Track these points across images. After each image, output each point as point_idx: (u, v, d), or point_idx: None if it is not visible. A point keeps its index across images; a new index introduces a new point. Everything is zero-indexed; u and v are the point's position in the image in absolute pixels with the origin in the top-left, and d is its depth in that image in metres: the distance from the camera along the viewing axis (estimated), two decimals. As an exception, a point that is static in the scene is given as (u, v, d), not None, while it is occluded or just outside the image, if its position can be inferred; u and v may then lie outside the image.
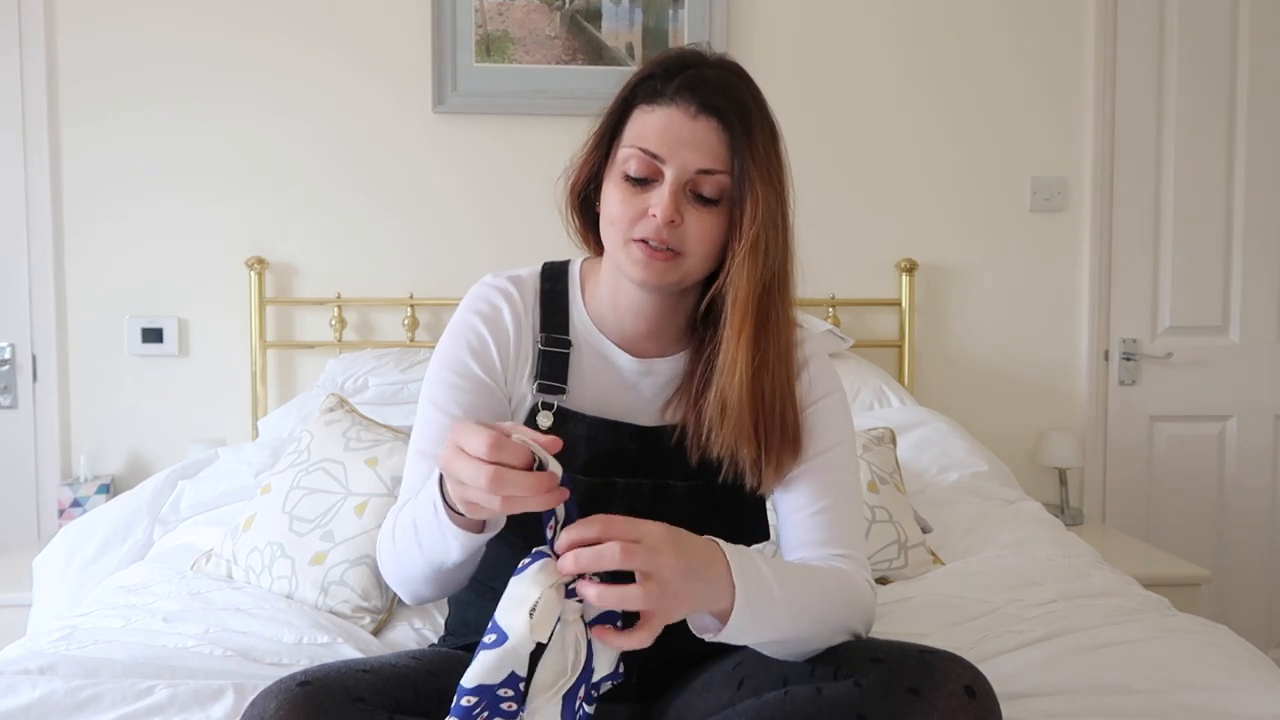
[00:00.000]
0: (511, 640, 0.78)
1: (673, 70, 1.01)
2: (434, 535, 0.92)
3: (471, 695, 0.79)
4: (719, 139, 0.99)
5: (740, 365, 1.01)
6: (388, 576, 1.06)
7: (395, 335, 2.47)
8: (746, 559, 0.91)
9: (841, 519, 1.07)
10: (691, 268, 1.03)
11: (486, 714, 0.80)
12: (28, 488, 2.44)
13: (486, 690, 0.79)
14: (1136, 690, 1.17)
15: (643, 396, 1.12)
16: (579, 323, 1.12)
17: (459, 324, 1.12)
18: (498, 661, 0.78)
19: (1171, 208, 2.66)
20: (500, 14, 2.46)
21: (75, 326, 2.43)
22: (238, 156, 2.44)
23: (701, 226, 1.00)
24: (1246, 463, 2.72)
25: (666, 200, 0.98)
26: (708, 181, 0.99)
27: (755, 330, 1.01)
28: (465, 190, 2.50)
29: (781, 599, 0.91)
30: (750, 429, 1.03)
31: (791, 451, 1.06)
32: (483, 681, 0.79)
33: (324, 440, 1.67)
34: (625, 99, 1.04)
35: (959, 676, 0.88)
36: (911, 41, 2.58)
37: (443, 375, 1.10)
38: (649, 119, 1.01)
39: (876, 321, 2.60)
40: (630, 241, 1.01)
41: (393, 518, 1.05)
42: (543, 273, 1.15)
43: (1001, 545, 1.77)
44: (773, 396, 1.03)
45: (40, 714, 1.10)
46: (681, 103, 0.99)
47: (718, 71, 1.02)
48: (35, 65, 2.38)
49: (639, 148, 1.00)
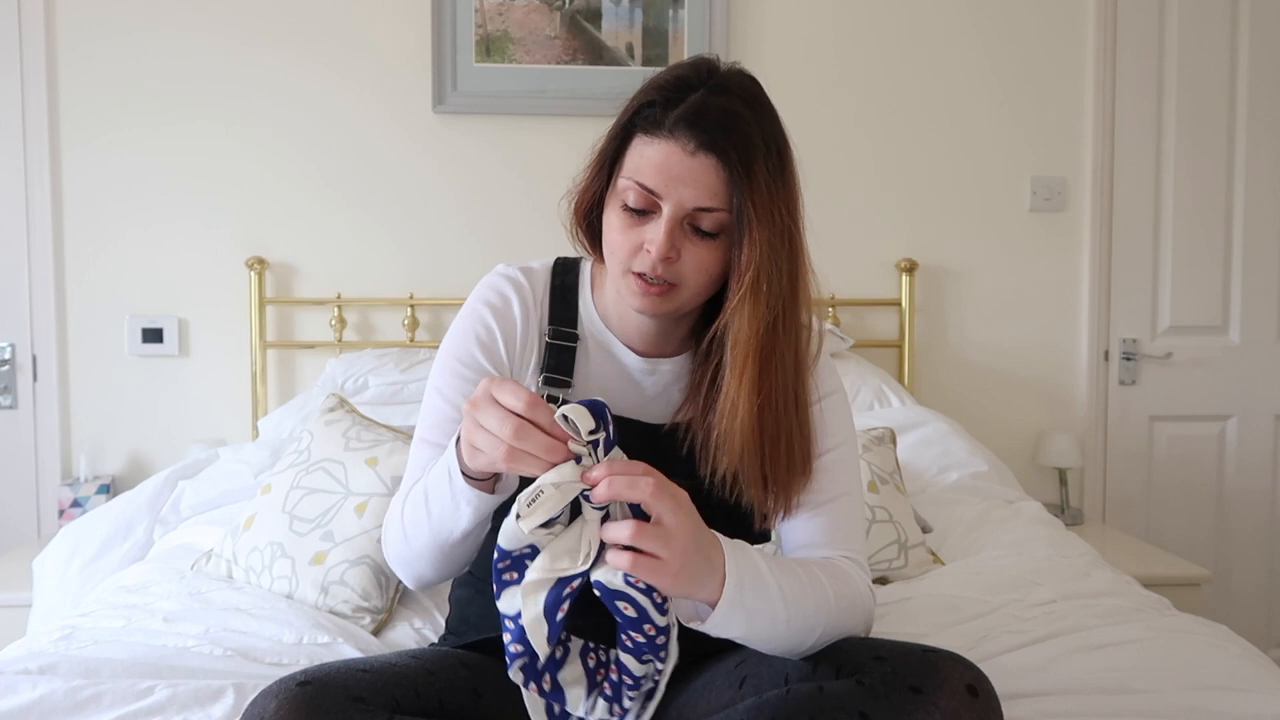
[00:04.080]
0: (515, 507, 0.84)
1: (673, 98, 0.97)
2: (445, 501, 0.94)
3: (496, 552, 0.87)
4: (717, 176, 0.95)
5: (742, 410, 0.99)
6: (391, 559, 1.07)
7: (395, 335, 2.47)
8: (743, 550, 0.92)
9: (842, 521, 1.07)
10: (688, 298, 1.02)
11: (515, 573, 0.87)
12: (28, 488, 2.44)
13: (504, 554, 0.86)
14: (1136, 690, 1.17)
15: (647, 394, 1.12)
16: (587, 318, 1.13)
17: (469, 314, 1.12)
18: (512, 530, 0.85)
19: (1171, 208, 2.66)
20: (500, 14, 2.46)
21: (75, 326, 2.43)
22: (238, 156, 2.44)
23: (698, 260, 0.99)
24: (1246, 463, 2.72)
25: (662, 238, 0.97)
26: (706, 218, 0.97)
27: (758, 372, 0.98)
28: (465, 190, 2.50)
29: (776, 591, 0.92)
30: (756, 473, 1.01)
31: (802, 484, 1.04)
32: (501, 545, 0.86)
33: (324, 440, 1.67)
34: (626, 124, 1.01)
35: (961, 675, 0.88)
36: (912, 41, 2.58)
37: (450, 365, 1.10)
38: (647, 152, 0.97)
39: (876, 321, 2.61)
40: (628, 273, 1.01)
41: (400, 500, 1.06)
42: (555, 266, 1.16)
43: (1001, 545, 1.77)
44: (776, 437, 1.00)
45: (40, 714, 1.10)
46: (680, 137, 0.95)
47: (722, 99, 0.97)
48: (36, 64, 2.38)
49: (636, 181, 0.98)
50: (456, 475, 0.92)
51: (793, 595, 0.94)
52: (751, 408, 0.99)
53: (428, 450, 1.08)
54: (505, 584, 0.87)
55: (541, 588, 0.83)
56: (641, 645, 0.87)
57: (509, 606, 0.86)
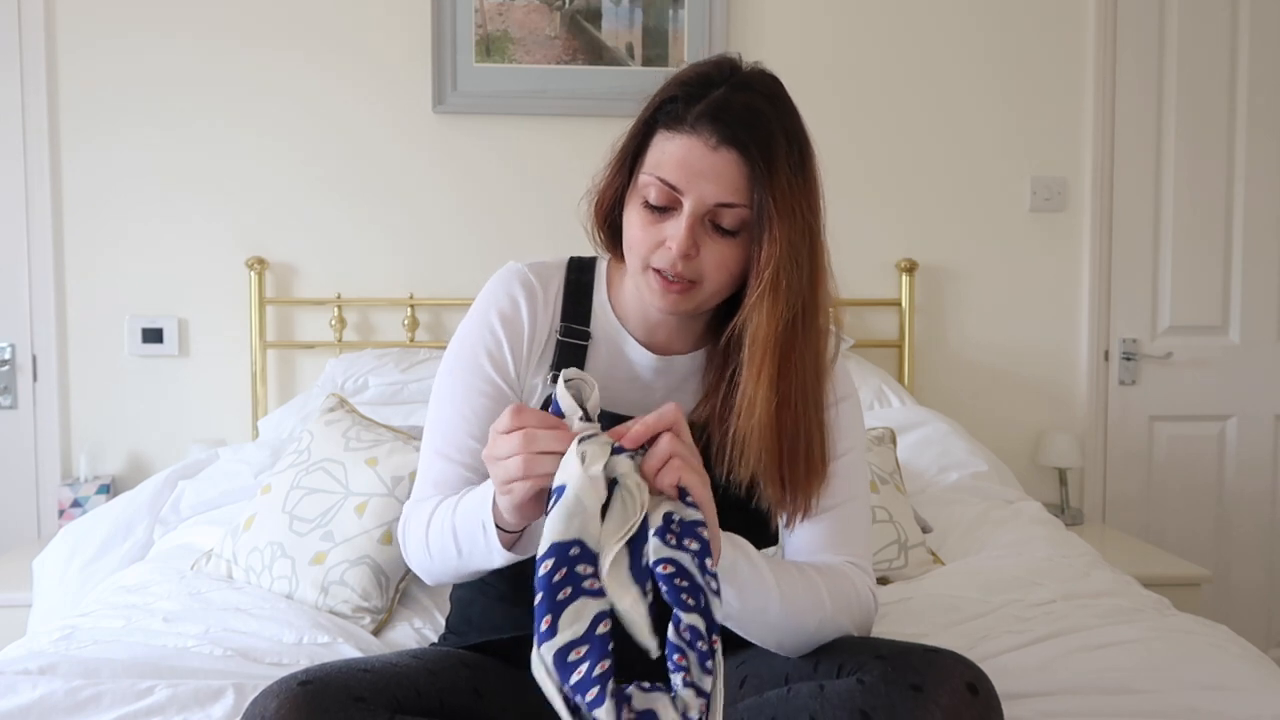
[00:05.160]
0: (571, 488, 0.79)
1: (695, 94, 0.97)
2: (479, 550, 0.95)
3: (548, 559, 0.78)
4: (739, 172, 0.95)
5: (759, 409, 0.98)
6: (415, 566, 1.07)
7: (395, 335, 2.47)
8: (738, 538, 0.94)
9: (848, 525, 1.07)
10: (709, 295, 1.01)
11: (570, 588, 0.78)
12: (28, 488, 2.44)
13: (560, 550, 0.78)
14: (1136, 690, 1.17)
15: (659, 392, 1.11)
16: (601, 316, 1.12)
17: (477, 321, 1.11)
18: (564, 515, 0.79)
19: (1171, 208, 2.66)
20: (500, 14, 2.46)
21: (75, 326, 2.43)
22: (238, 156, 2.44)
23: (719, 257, 0.98)
24: (1246, 463, 2.72)
25: (683, 234, 0.96)
26: (727, 214, 0.97)
27: (776, 370, 0.98)
28: (465, 190, 2.50)
29: (771, 578, 0.93)
30: (774, 472, 1.00)
31: (819, 486, 1.03)
32: (554, 539, 0.78)
33: (324, 440, 1.67)
34: (648, 120, 1.01)
35: (961, 674, 0.88)
36: (912, 41, 2.58)
37: (459, 374, 1.10)
38: (669, 147, 0.97)
39: (876, 321, 2.60)
40: (648, 269, 1.00)
41: (419, 514, 1.05)
42: (570, 263, 1.15)
43: (1001, 545, 1.77)
44: (795, 436, 0.99)
45: (40, 714, 1.10)
46: (702, 132, 0.95)
47: (745, 95, 0.97)
48: (36, 64, 2.38)
49: (658, 177, 0.98)
50: (492, 535, 0.92)
51: (785, 584, 0.94)
52: (770, 406, 0.98)
53: (441, 463, 1.07)
54: (561, 607, 0.77)
55: (620, 566, 0.79)
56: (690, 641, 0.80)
57: (575, 627, 0.76)
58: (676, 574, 0.80)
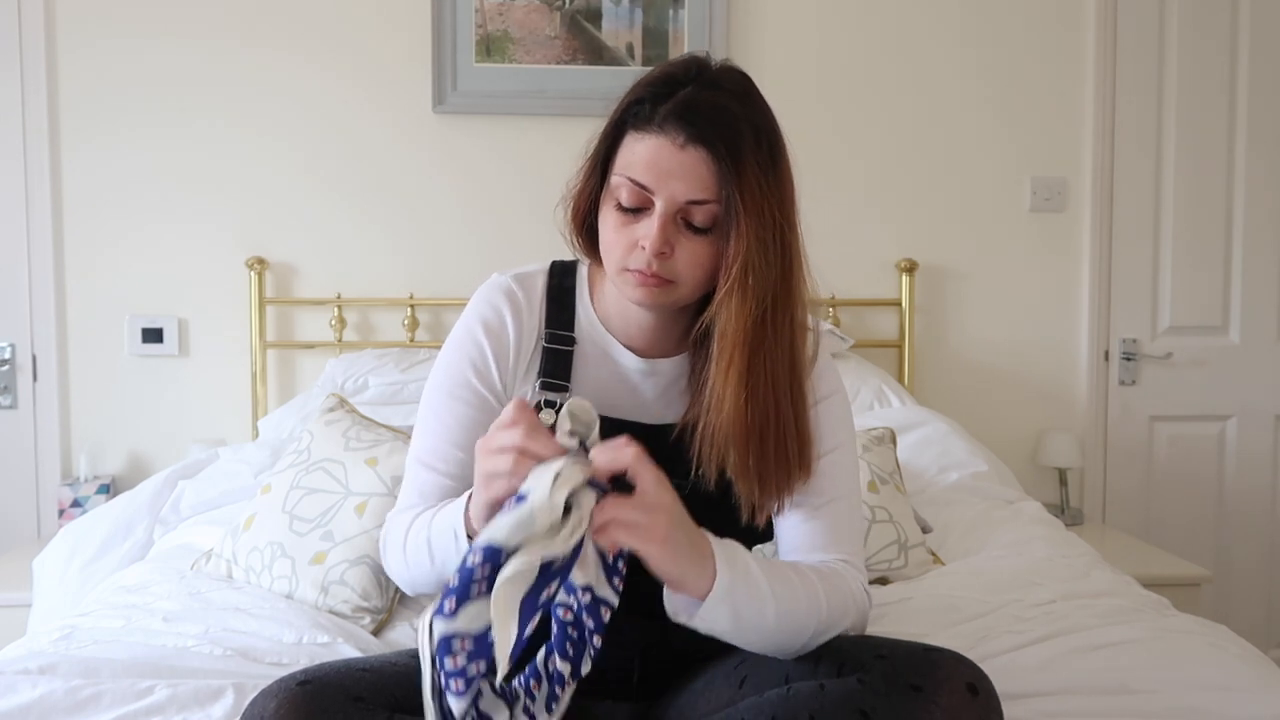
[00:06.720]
0: (531, 502, 0.79)
1: (662, 94, 0.97)
2: (452, 558, 0.95)
3: (478, 555, 0.78)
4: (708, 169, 0.95)
5: (728, 403, 0.98)
6: (394, 576, 1.09)
7: (395, 335, 2.47)
8: (733, 547, 0.94)
9: (839, 523, 1.07)
10: (685, 293, 1.02)
11: (485, 588, 0.78)
12: (28, 488, 2.44)
13: (493, 555, 0.78)
14: (1136, 690, 1.17)
15: (646, 396, 1.12)
16: (585, 320, 1.12)
17: (463, 334, 1.12)
18: (514, 524, 0.79)
19: (1171, 208, 2.66)
20: (500, 14, 2.46)
21: (75, 326, 2.43)
22: (238, 156, 2.44)
23: (693, 255, 0.99)
24: (1246, 463, 2.72)
25: (655, 233, 0.97)
26: (698, 211, 0.97)
27: (745, 365, 0.97)
28: (465, 190, 2.50)
29: (766, 588, 0.92)
30: (743, 466, 1.00)
31: (801, 483, 1.03)
32: (493, 543, 0.78)
33: (324, 440, 1.67)
34: (617, 122, 1.01)
35: (962, 674, 0.88)
36: (911, 42, 2.58)
37: (446, 386, 1.10)
38: (638, 148, 0.98)
39: (876, 321, 2.60)
40: (624, 270, 1.01)
41: (399, 524, 1.07)
42: (551, 269, 1.15)
43: (1001, 545, 1.77)
44: (765, 432, 0.99)
45: (40, 714, 1.10)
46: (670, 131, 0.96)
47: (711, 93, 0.97)
48: (36, 64, 2.38)
49: (628, 177, 0.98)
50: (463, 539, 0.94)
51: (783, 593, 0.94)
52: (738, 400, 0.98)
53: (424, 473, 1.08)
54: (468, 600, 0.78)
55: (521, 581, 0.79)
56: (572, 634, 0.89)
57: (471, 623, 0.78)
58: (572, 624, 0.87)
